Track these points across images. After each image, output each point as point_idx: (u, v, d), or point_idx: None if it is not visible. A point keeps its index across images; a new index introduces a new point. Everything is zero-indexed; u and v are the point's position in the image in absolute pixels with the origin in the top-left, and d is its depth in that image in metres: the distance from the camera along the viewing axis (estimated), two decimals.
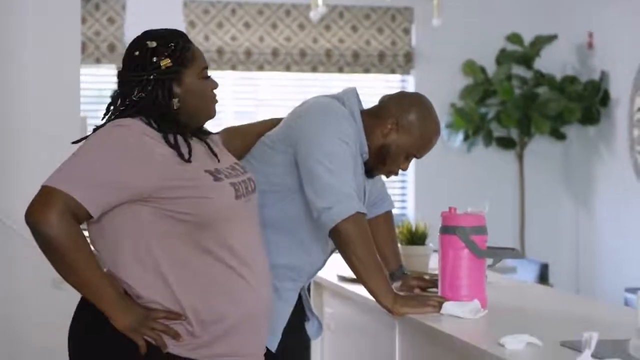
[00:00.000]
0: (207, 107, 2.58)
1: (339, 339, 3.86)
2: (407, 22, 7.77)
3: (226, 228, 2.47)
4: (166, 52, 2.50)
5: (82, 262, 2.34)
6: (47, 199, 2.32)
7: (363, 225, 2.88)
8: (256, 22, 7.46)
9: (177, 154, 2.41)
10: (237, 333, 2.48)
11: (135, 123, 2.43)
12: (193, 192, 2.41)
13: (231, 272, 2.47)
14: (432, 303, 2.87)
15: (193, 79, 2.53)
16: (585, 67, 7.73)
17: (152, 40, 2.52)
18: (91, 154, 2.39)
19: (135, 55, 2.51)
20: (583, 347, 2.11)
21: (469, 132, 7.57)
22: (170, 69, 2.49)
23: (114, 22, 7.23)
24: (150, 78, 2.48)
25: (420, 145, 3.09)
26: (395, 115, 3.05)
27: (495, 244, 3.06)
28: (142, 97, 2.48)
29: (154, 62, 2.49)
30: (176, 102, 2.50)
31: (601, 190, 7.59)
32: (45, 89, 4.82)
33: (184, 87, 2.51)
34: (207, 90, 2.57)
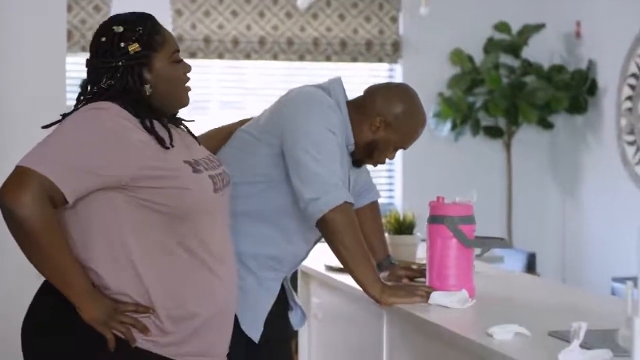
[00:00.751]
0: (179, 92, 2.50)
1: (327, 329, 3.85)
2: (394, 11, 7.75)
3: (202, 222, 2.41)
4: (134, 36, 2.42)
5: (54, 247, 2.24)
6: (21, 180, 2.21)
7: (350, 215, 2.87)
8: (243, 11, 7.43)
9: (156, 141, 2.35)
10: (208, 331, 2.44)
11: (112, 106, 2.34)
12: (172, 182, 2.34)
13: (204, 267, 2.41)
14: (420, 293, 2.87)
15: (164, 63, 2.45)
16: (572, 56, 7.73)
17: (118, 25, 2.44)
18: (68, 136, 2.30)
19: (102, 41, 2.43)
20: (571, 337, 2.10)
21: (457, 122, 7.56)
22: (139, 53, 2.41)
23: (100, 10, 7.19)
24: (119, 65, 2.40)
25: (408, 138, 3.10)
26: (383, 113, 3.05)
27: (483, 233, 3.05)
28: (111, 84, 2.40)
29: (122, 48, 2.41)
30: (148, 88, 2.43)
31: (588, 180, 7.59)
32: (31, 77, 4.80)
33: (154, 73, 2.44)
34: (180, 75, 2.50)
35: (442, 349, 2.61)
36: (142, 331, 2.33)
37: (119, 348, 2.33)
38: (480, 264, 3.75)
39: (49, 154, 2.26)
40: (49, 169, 2.22)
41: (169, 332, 2.37)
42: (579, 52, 7.67)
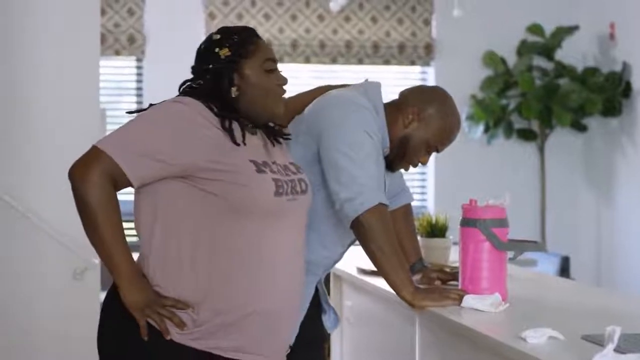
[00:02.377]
0: (268, 100, 2.58)
1: (359, 332, 3.84)
2: (427, 13, 7.73)
3: (257, 223, 2.44)
4: (227, 43, 2.55)
5: (108, 228, 2.38)
6: (92, 159, 2.36)
7: (385, 217, 2.86)
8: (276, 14, 7.45)
9: (229, 138, 2.44)
10: (247, 328, 2.46)
11: (193, 102, 2.46)
12: (231, 177, 2.41)
13: (248, 268, 2.44)
14: (453, 296, 2.85)
15: (254, 70, 2.55)
16: (606, 58, 7.68)
17: (218, 33, 2.59)
18: (144, 124, 2.43)
19: (202, 48, 2.59)
20: (605, 341, 2.08)
21: (490, 124, 7.53)
22: (228, 58, 2.53)
23: (133, 13, 7.23)
24: (209, 67, 2.54)
25: (441, 137, 3.07)
26: (417, 107, 3.04)
27: (516, 236, 3.03)
28: (200, 84, 2.54)
29: (215, 53, 2.55)
30: (234, 91, 2.53)
31: (622, 182, 7.54)
32: (65, 81, 4.83)
33: (244, 78, 2.54)
34: (270, 84, 2.58)
35: (474, 352, 2.59)
36: (177, 325, 2.40)
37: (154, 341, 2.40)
38: (513, 267, 3.72)
39: (123, 138, 2.40)
40: (119, 153, 2.35)
41: (204, 325, 2.42)
42: (613, 54, 7.62)
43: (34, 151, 4.79)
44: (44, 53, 4.81)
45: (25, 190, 4.76)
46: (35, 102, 4.80)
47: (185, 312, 2.41)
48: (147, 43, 7.30)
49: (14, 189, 4.74)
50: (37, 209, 4.76)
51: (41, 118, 4.80)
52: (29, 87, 4.79)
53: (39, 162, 4.80)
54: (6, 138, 4.77)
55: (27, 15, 4.77)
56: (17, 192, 4.74)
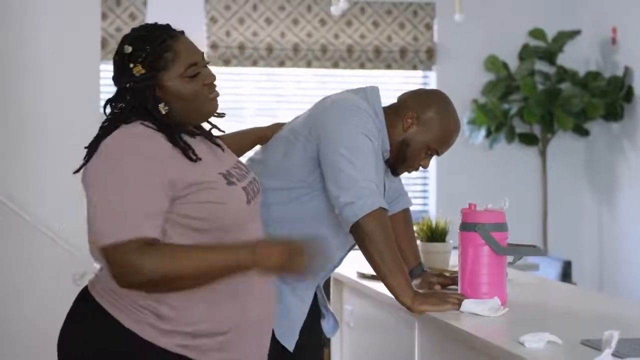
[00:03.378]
0: (198, 105, 2.43)
1: (358, 336, 3.84)
2: (429, 18, 7.73)
3: (233, 235, 2.39)
4: (140, 57, 2.37)
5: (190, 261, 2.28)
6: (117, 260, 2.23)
7: (385, 221, 2.86)
8: (277, 18, 7.45)
9: (184, 155, 2.34)
10: (240, 342, 2.43)
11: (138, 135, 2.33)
12: (209, 195, 2.34)
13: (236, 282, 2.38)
14: (452, 300, 2.85)
15: (175, 81, 2.39)
16: (608, 63, 7.67)
17: (129, 43, 2.40)
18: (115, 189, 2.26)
19: (116, 60, 2.43)
20: (603, 346, 2.08)
21: (491, 129, 7.52)
22: (144, 75, 2.37)
23: (135, 18, 7.23)
24: (127, 87, 2.38)
25: (441, 140, 3.07)
26: (416, 110, 3.04)
27: (518, 241, 3.03)
28: (123, 107, 2.38)
29: (129, 69, 2.38)
30: (162, 107, 2.38)
31: (624, 187, 7.53)
32: (66, 85, 4.83)
33: (166, 91, 2.39)
34: (196, 89, 2.41)
35: (473, 357, 2.59)
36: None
37: (149, 348, 2.33)
38: (514, 272, 3.72)
39: (115, 219, 2.24)
40: (127, 233, 2.22)
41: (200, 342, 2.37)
42: (614, 58, 7.61)
43: (35, 155, 4.79)
44: (44, 57, 4.82)
45: (25, 194, 4.77)
46: (37, 106, 4.81)
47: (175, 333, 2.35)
48: None
49: (13, 192, 4.74)
50: (37, 213, 4.76)
51: (42, 122, 4.81)
52: (30, 90, 4.80)
53: (39, 167, 4.81)
54: (6, 141, 4.77)
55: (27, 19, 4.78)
56: (17, 196, 4.74)
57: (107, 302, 2.37)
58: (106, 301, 2.37)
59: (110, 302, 2.36)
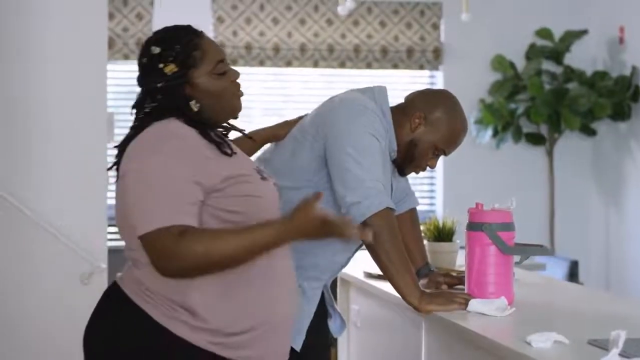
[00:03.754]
0: (227, 102, 2.48)
1: (365, 336, 3.84)
2: (435, 18, 7.73)
3: None
4: (171, 57, 2.41)
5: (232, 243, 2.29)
6: (159, 247, 2.26)
7: (392, 220, 2.86)
8: (284, 18, 7.45)
9: (219, 151, 2.38)
10: (270, 337, 2.45)
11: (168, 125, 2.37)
12: (247, 188, 2.37)
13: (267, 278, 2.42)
14: (459, 300, 2.85)
15: (205, 78, 2.44)
16: (616, 62, 7.66)
17: (156, 45, 2.43)
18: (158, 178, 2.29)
19: (144, 62, 2.45)
20: (610, 346, 2.08)
21: (498, 128, 7.52)
22: (177, 73, 2.41)
23: (142, 18, 7.24)
24: (158, 86, 2.41)
25: (448, 140, 3.06)
26: (423, 110, 3.04)
27: (525, 241, 3.03)
28: (154, 106, 2.41)
29: (160, 69, 2.41)
30: (194, 105, 2.43)
31: (632, 186, 7.51)
32: (72, 85, 4.84)
33: (197, 88, 2.43)
34: (225, 85, 2.47)
35: (480, 356, 2.59)
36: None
37: (179, 344, 2.34)
38: (521, 272, 3.72)
39: (159, 204, 2.28)
40: (174, 217, 2.26)
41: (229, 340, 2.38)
42: (622, 58, 7.60)
43: (41, 154, 4.80)
44: (51, 56, 4.82)
45: (33, 194, 4.77)
46: (44, 105, 4.81)
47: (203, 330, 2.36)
48: None
49: (20, 192, 4.74)
50: (43, 213, 4.77)
51: (49, 122, 4.81)
52: (36, 90, 4.81)
53: (46, 165, 4.81)
54: (13, 141, 4.78)
55: (34, 19, 4.79)
56: (24, 195, 4.75)
57: (139, 298, 2.38)
58: (138, 296, 2.38)
59: (142, 297, 2.37)
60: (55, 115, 4.81)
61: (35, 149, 4.79)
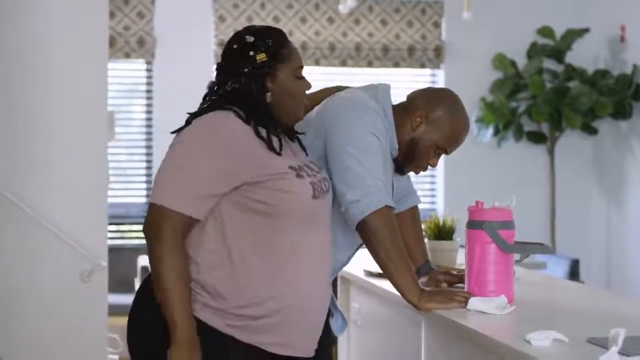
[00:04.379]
0: (296, 106, 2.63)
1: (365, 334, 3.83)
2: (437, 16, 7.73)
3: (296, 226, 2.52)
4: (263, 47, 2.56)
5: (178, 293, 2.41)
6: (159, 218, 2.42)
7: (391, 219, 2.86)
8: (285, 16, 7.45)
9: (267, 147, 2.48)
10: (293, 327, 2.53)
11: (226, 119, 2.48)
12: (276, 184, 2.47)
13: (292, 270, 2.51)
14: (458, 298, 2.84)
15: (287, 76, 2.58)
16: (617, 61, 7.66)
17: (250, 35, 2.58)
18: (188, 161, 2.45)
19: (234, 48, 2.58)
20: (610, 344, 2.07)
21: (499, 127, 7.52)
22: (265, 63, 2.55)
23: (143, 16, 7.24)
24: (245, 71, 2.55)
25: (450, 139, 3.05)
26: (425, 109, 3.03)
27: (526, 239, 3.02)
28: (235, 88, 2.55)
29: (250, 56, 2.55)
30: (269, 96, 2.56)
31: (633, 185, 7.51)
32: (73, 83, 4.83)
33: (276, 83, 2.57)
34: (300, 90, 2.62)
35: (479, 354, 2.58)
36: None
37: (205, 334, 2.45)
38: (522, 270, 3.71)
39: (179, 186, 2.44)
40: (182, 205, 2.42)
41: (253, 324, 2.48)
42: (623, 56, 7.60)
43: (42, 152, 4.80)
44: (51, 55, 4.82)
45: (33, 191, 4.77)
46: (44, 103, 4.81)
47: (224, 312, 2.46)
48: (157, 46, 7.31)
49: (21, 190, 4.74)
50: (44, 211, 4.77)
51: (49, 120, 4.81)
52: (37, 89, 4.80)
53: (46, 164, 4.81)
54: (14, 140, 4.78)
55: (34, 18, 4.78)
56: (24, 193, 4.75)
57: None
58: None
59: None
60: (56, 113, 4.81)
61: (36, 147, 4.79)
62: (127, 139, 7.56)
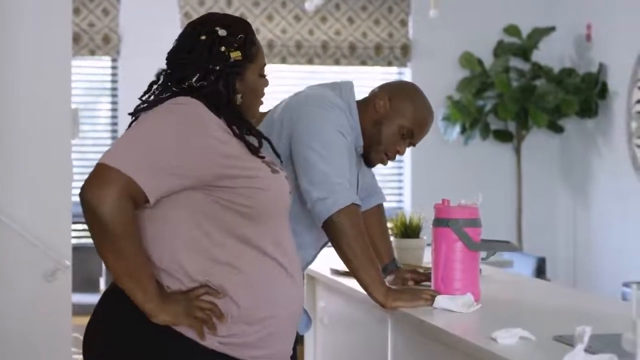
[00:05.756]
0: (257, 106, 2.51)
1: (332, 333, 3.82)
2: (404, 14, 7.72)
3: (277, 223, 2.41)
4: (236, 43, 2.40)
5: (129, 248, 2.23)
6: (104, 177, 2.18)
7: (357, 217, 2.85)
8: (252, 14, 7.42)
9: (243, 144, 2.35)
10: (282, 334, 2.43)
11: (197, 104, 2.32)
12: (252, 182, 2.32)
13: (281, 270, 2.40)
14: (425, 296, 2.83)
15: (254, 75, 2.46)
16: (583, 60, 7.69)
17: (222, 27, 2.41)
18: (154, 134, 2.27)
19: (202, 39, 2.40)
20: (576, 342, 2.07)
21: (466, 125, 7.53)
22: (238, 62, 2.40)
23: (108, 13, 7.19)
24: (215, 68, 2.38)
25: (414, 121, 3.04)
26: (387, 93, 3.05)
27: (493, 237, 3.02)
28: (203, 85, 2.38)
29: (222, 53, 2.39)
30: (239, 98, 2.42)
31: (599, 184, 7.55)
32: (36, 81, 4.79)
33: (245, 83, 2.43)
34: (262, 89, 2.51)
35: (446, 353, 2.58)
36: (219, 318, 2.28)
37: (193, 350, 2.29)
38: (489, 268, 3.71)
39: (133, 152, 2.23)
40: (133, 170, 2.20)
41: (243, 333, 2.34)
42: (589, 55, 7.63)
43: (5, 150, 4.75)
44: (15, 51, 4.77)
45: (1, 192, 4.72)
46: (6, 101, 4.76)
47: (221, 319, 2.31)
48: (122, 43, 7.26)
49: None
50: (7, 209, 4.72)
51: (12, 117, 4.76)
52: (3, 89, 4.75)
53: (10, 162, 4.76)
54: None
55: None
56: None
57: None
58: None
59: None
60: (19, 111, 4.76)
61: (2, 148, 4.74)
62: (92, 136, 7.51)
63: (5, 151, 4.75)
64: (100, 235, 2.21)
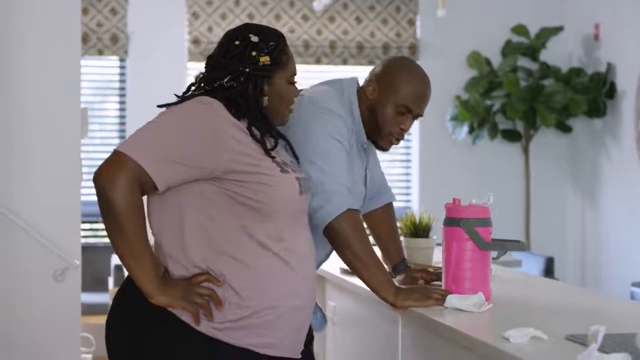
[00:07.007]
0: (285, 111, 2.63)
1: (342, 333, 3.82)
2: (411, 14, 7.72)
3: (285, 221, 2.51)
4: (266, 49, 2.56)
5: (135, 233, 2.38)
6: (118, 164, 2.36)
7: (356, 221, 2.84)
8: (259, 14, 7.42)
9: (259, 145, 2.48)
10: (283, 325, 2.52)
11: (217, 103, 2.47)
12: (260, 178, 2.45)
13: (285, 265, 2.51)
14: (436, 296, 2.83)
15: (283, 81, 2.59)
16: (591, 59, 7.68)
17: (255, 34, 2.57)
18: (169, 127, 2.43)
19: (235, 44, 2.57)
20: (589, 341, 2.06)
21: (474, 125, 7.52)
22: (267, 66, 2.55)
23: (116, 13, 7.19)
24: (245, 70, 2.53)
25: (406, 92, 3.00)
26: (374, 74, 3.05)
27: (501, 237, 3.01)
28: (233, 86, 2.53)
29: (253, 57, 2.55)
30: (265, 100, 2.56)
31: (607, 183, 7.54)
32: (46, 80, 4.79)
33: (272, 87, 2.57)
34: (291, 96, 2.63)
35: (457, 352, 2.57)
36: (217, 305, 2.43)
37: (194, 337, 2.43)
38: (498, 268, 3.70)
39: (147, 142, 2.40)
40: (145, 158, 2.36)
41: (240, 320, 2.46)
42: (597, 55, 7.62)
43: (14, 150, 4.74)
44: (24, 51, 4.77)
45: (5, 189, 4.72)
46: (16, 101, 4.76)
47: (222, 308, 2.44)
48: (130, 42, 7.27)
49: None
50: (16, 209, 4.72)
51: (22, 117, 4.76)
52: (9, 85, 4.75)
53: (19, 162, 4.76)
54: None
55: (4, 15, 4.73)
56: None
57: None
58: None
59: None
60: (29, 110, 4.76)
61: (8, 144, 4.74)
62: (100, 136, 7.51)
63: (14, 151, 4.75)
64: (109, 217, 2.38)
